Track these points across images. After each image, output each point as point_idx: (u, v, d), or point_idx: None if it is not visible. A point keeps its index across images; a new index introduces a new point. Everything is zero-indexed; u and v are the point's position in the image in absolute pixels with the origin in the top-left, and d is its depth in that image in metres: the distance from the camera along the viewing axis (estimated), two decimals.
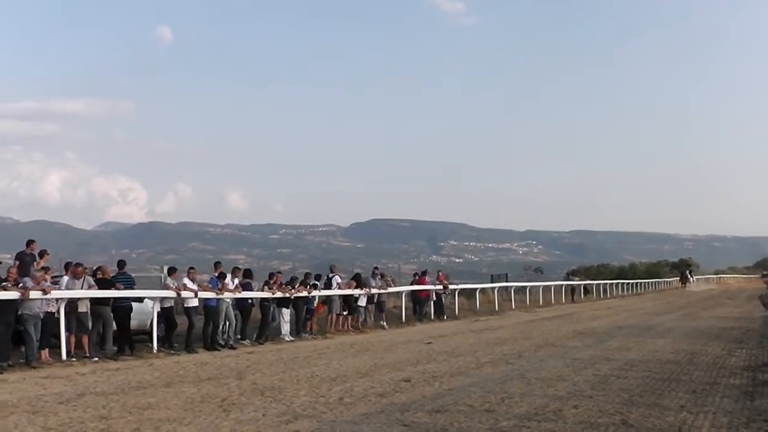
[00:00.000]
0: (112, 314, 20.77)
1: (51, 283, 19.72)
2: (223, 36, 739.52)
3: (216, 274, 23.92)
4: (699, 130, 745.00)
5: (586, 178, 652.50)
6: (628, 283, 73.23)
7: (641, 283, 77.70)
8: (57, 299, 19.34)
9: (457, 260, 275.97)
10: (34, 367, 17.98)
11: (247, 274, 25.82)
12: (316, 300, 28.34)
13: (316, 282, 28.52)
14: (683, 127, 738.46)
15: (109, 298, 20.46)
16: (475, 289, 45.19)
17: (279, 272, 27.62)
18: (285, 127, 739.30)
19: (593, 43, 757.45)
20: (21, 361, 18.24)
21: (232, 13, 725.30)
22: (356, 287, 30.25)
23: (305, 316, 27.36)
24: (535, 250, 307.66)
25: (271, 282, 26.19)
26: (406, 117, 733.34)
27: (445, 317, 36.28)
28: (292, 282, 27.15)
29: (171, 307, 22.28)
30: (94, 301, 20.53)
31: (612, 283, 68.06)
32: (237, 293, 24.22)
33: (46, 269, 20.11)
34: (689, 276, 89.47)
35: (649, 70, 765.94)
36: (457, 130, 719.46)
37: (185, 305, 22.32)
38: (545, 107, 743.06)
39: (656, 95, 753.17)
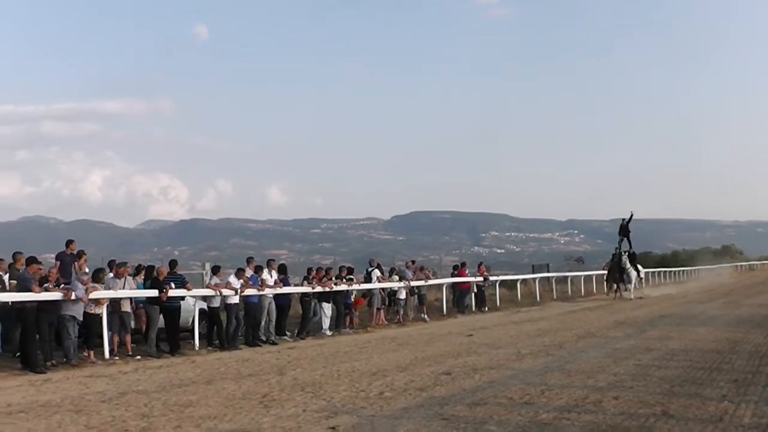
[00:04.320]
0: (161, 314, 20.89)
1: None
2: (258, 31, 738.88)
3: (252, 271, 23.95)
4: (737, 114, 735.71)
5: (626, 165, 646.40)
6: (671, 271, 72.60)
7: (684, 270, 76.94)
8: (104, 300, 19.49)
9: (498, 251, 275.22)
10: (75, 366, 18.15)
11: (282, 269, 25.86)
12: (353, 295, 28.31)
13: (351, 276, 28.51)
14: (721, 112, 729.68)
15: (157, 298, 20.56)
16: (516, 280, 45.08)
17: (320, 268, 27.68)
18: (324, 121, 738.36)
19: (622, 30, 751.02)
20: (64, 360, 18.39)
21: (267, 9, 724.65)
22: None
23: (344, 310, 27.36)
24: (577, 240, 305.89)
25: (311, 277, 26.22)
26: (445, 108, 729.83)
27: (486, 309, 36.18)
28: (327, 274, 27.11)
29: (217, 306, 22.35)
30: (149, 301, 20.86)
31: (654, 272, 67.55)
32: (278, 289, 24.28)
33: (100, 270, 20.21)
34: (629, 272, 46.56)
35: (684, 54, 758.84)
36: (497, 120, 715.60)
37: (226, 302, 22.38)
38: (583, 95, 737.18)
39: (692, 79, 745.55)
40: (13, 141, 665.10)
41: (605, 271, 50.95)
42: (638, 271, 47.76)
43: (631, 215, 49.34)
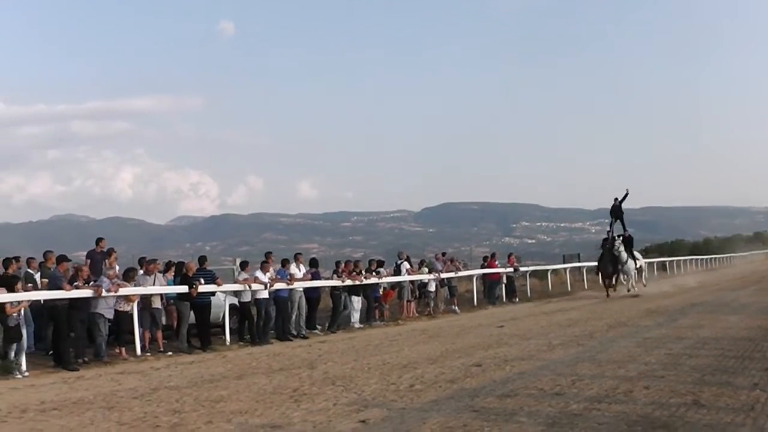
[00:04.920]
0: (191, 310, 20.98)
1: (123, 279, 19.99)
2: (283, 25, 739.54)
3: (278, 266, 24.03)
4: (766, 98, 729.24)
5: (656, 153, 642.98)
6: (702, 259, 72.19)
7: (715, 258, 76.49)
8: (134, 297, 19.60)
9: (529, 241, 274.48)
10: (107, 363, 18.27)
11: (313, 263, 25.89)
12: (381, 288, 28.31)
13: (379, 269, 28.49)
14: (751, 98, 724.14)
15: (187, 294, 20.64)
16: (547, 270, 44.99)
17: (348, 261, 27.70)
18: (351, 114, 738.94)
19: (657, 14, 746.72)
20: (96, 357, 18.50)
21: (292, 2, 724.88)
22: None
23: (374, 303, 27.37)
24: (608, 228, 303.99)
25: (340, 270, 26.25)
26: (473, 99, 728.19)
27: (517, 299, 36.12)
28: (356, 267, 27.12)
29: (248, 301, 22.40)
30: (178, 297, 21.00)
31: (685, 260, 67.24)
32: (307, 282, 24.33)
33: (132, 270, 20.32)
34: (626, 262, 39.49)
35: (714, 40, 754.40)
36: (526, 110, 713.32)
37: (256, 297, 22.42)
38: (609, 83, 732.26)
39: (722, 65, 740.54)
40: (44, 140, 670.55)
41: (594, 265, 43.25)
42: (635, 260, 40.27)
43: (626, 193, 41.42)
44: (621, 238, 40.07)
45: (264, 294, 22.52)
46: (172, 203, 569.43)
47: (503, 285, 36.07)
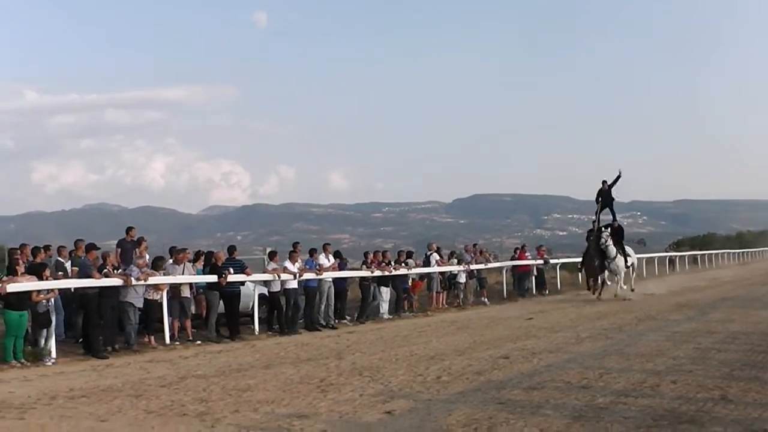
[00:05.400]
0: (220, 299, 21.05)
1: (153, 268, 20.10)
2: (315, 16, 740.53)
3: (306, 256, 24.08)
4: None
5: (687, 146, 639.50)
6: (735, 253, 71.66)
7: (749, 252, 75.91)
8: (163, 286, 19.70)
9: (561, 233, 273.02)
10: (136, 351, 18.39)
11: (337, 254, 25.91)
12: (410, 279, 28.30)
13: (408, 260, 28.44)
14: None
15: (217, 283, 20.72)
16: (577, 262, 44.78)
17: (377, 251, 27.70)
18: (385, 105, 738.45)
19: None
20: (126, 345, 18.63)
21: None
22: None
23: (403, 294, 27.37)
24: (640, 221, 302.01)
25: (369, 260, 26.26)
26: (504, 89, 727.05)
27: (547, 292, 36.03)
28: (384, 257, 27.12)
29: (277, 291, 22.44)
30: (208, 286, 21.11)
31: (718, 253, 66.77)
32: (336, 273, 24.36)
33: (160, 258, 20.43)
34: (614, 259, 33.16)
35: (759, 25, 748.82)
36: (557, 101, 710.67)
37: (285, 287, 22.47)
38: (641, 73, 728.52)
39: (755, 55, 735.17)
40: (77, 129, 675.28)
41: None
42: (626, 257, 33.55)
43: (618, 175, 33.92)
44: (609, 229, 33.57)
45: (293, 284, 22.57)
46: (204, 193, 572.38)
47: (533, 277, 35.96)
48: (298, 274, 22.55)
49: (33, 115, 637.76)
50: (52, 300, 17.52)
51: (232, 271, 20.90)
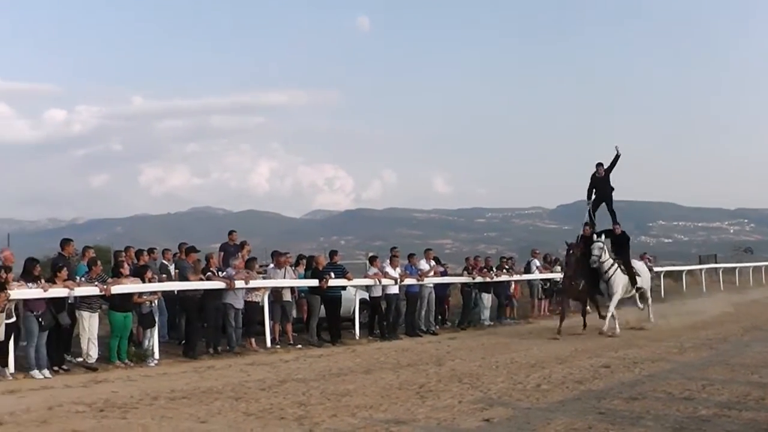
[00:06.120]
0: (322, 304, 21.16)
1: (257, 272, 20.31)
2: (417, 21, 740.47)
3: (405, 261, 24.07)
4: None
5: None
6: None
7: None
8: (261, 288, 19.87)
9: (666, 241, 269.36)
10: (238, 354, 18.58)
11: (436, 260, 25.83)
12: (512, 285, 28.10)
13: (508, 266, 28.23)
14: None
15: (318, 287, 20.84)
16: (681, 270, 44.14)
17: (478, 257, 27.59)
18: (488, 109, 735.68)
19: None
20: (227, 348, 18.83)
21: None
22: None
23: (505, 301, 27.25)
24: (747, 229, 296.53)
25: (470, 266, 26.17)
26: (610, 95, 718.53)
27: (650, 301, 35.49)
28: (486, 264, 27.01)
29: (378, 296, 22.48)
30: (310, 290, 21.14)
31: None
32: (437, 278, 24.33)
33: (252, 260, 20.63)
34: (610, 279, 23.67)
35: None
36: (665, 107, 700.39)
37: (386, 292, 22.51)
38: (740, 72, 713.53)
39: None
40: (183, 134, 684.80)
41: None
42: (634, 276, 24.46)
43: (617, 155, 24.66)
44: (602, 236, 24.48)
45: (394, 289, 22.58)
46: (308, 197, 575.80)
47: None
48: (398, 279, 22.57)
49: (140, 119, 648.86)
50: (155, 302, 17.83)
51: (332, 275, 20.99)
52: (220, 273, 19.15)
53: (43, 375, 15.27)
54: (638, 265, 25.88)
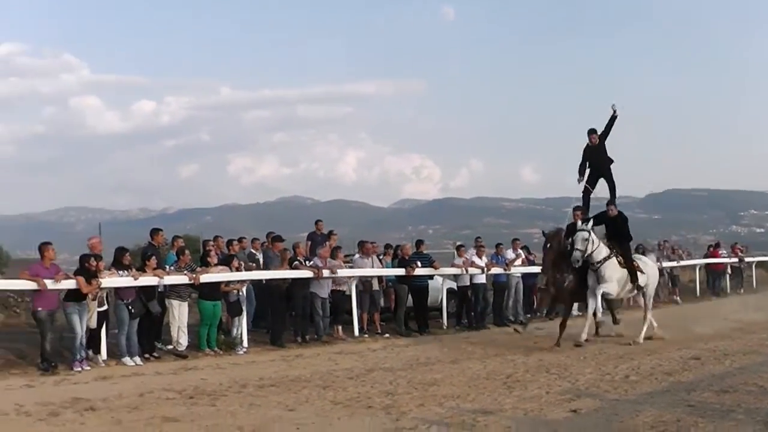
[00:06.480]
0: (409, 293, 21.20)
1: (344, 262, 20.41)
2: (502, 10, 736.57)
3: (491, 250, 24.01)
4: None
5: None
6: None
7: None
8: (348, 278, 19.97)
9: (758, 230, 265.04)
10: (326, 342, 18.73)
11: (524, 249, 25.66)
12: None
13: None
14: None
15: (405, 276, 20.88)
16: None
17: None
18: (573, 97, 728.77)
19: None
20: (315, 337, 18.97)
21: None
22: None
23: None
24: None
25: None
26: (702, 82, 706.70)
27: (742, 291, 34.98)
28: None
29: (465, 285, 22.44)
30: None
31: None
32: (525, 268, 24.21)
33: (337, 249, 20.72)
34: (603, 279, 18.50)
35: None
36: (753, 93, 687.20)
37: (474, 281, 22.45)
38: None
39: None
40: (271, 124, 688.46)
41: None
42: (635, 272, 19.31)
43: (613, 115, 20.09)
44: (589, 223, 19.17)
45: (481, 278, 22.54)
46: (395, 186, 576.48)
47: (728, 276, 34.97)
48: (485, 269, 22.50)
49: (227, 110, 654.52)
50: (243, 290, 18.01)
51: (419, 264, 21.01)
52: (307, 262, 19.32)
53: (134, 362, 15.57)
54: (645, 259, 20.98)
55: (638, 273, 19.33)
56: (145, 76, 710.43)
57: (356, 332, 19.72)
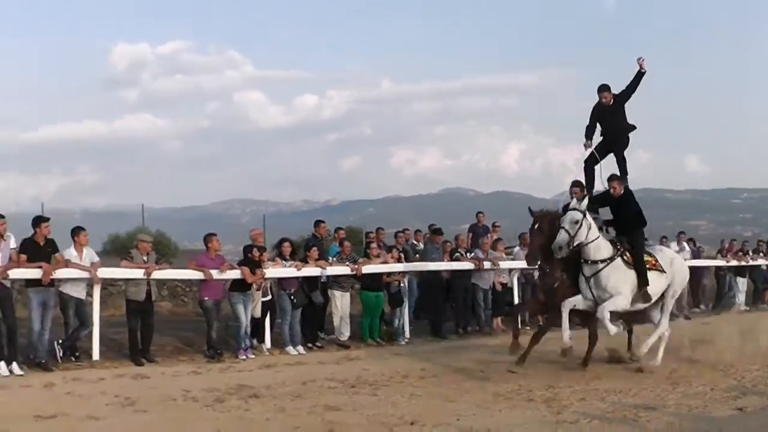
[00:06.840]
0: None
1: (505, 254, 20.34)
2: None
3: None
4: None
5: None
6: None
7: None
8: (510, 270, 19.91)
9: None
10: (488, 333, 18.79)
11: (690, 242, 25.17)
12: None
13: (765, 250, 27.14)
14: None
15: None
16: None
17: (733, 240, 26.75)
18: (740, 85, 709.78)
19: None
20: (477, 328, 19.00)
21: None
22: None
23: (761, 286, 26.33)
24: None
25: (725, 250, 25.44)
26: None
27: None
28: (742, 247, 26.14)
29: None
30: None
31: None
32: (689, 261, 23.72)
33: (498, 240, 20.65)
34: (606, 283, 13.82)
35: None
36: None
37: None
38: None
39: None
40: (433, 116, 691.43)
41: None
42: (645, 273, 14.06)
43: (640, 71, 15.15)
44: (583, 202, 14.23)
45: None
46: (558, 178, 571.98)
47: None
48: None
49: (388, 103, 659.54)
50: (405, 281, 18.12)
51: None
52: (468, 254, 19.32)
53: (298, 351, 15.84)
54: (667, 252, 15.83)
55: (656, 273, 14.42)
56: (308, 71, 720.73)
57: (519, 324, 19.58)
